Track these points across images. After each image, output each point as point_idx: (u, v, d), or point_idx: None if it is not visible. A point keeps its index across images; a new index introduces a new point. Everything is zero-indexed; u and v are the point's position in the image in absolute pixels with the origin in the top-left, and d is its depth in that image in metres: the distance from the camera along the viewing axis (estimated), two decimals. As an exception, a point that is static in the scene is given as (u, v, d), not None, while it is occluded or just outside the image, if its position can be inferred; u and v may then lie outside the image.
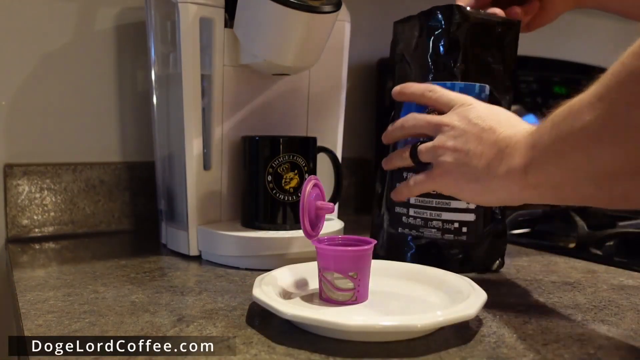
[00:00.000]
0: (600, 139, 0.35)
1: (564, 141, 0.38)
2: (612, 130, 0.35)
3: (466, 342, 0.39)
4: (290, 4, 0.54)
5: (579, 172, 0.38)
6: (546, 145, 0.39)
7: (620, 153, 0.35)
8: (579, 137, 0.37)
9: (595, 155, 0.36)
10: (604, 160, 0.36)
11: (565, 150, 0.38)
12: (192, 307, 0.46)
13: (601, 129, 0.35)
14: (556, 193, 0.41)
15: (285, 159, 0.61)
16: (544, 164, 0.40)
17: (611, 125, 0.35)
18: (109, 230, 0.78)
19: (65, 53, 0.76)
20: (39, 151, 0.75)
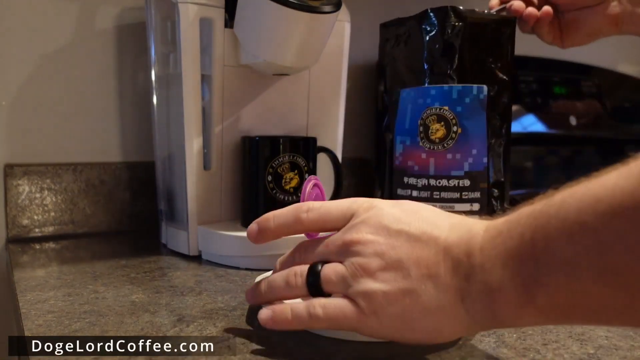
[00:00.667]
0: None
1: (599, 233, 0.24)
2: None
3: (466, 342, 0.39)
4: (290, 4, 0.54)
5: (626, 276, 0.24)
6: (569, 241, 0.25)
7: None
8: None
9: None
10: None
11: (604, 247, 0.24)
12: (192, 307, 0.46)
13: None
14: (586, 318, 0.28)
15: (285, 159, 0.61)
16: (569, 275, 0.26)
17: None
18: (109, 230, 0.78)
19: (65, 53, 0.76)
20: (39, 151, 0.75)
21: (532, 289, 0.27)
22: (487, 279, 0.29)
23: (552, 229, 0.26)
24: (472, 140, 0.57)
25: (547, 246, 0.26)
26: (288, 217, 0.38)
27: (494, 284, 0.28)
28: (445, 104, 0.57)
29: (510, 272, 0.28)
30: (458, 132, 0.57)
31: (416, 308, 0.31)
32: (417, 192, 0.59)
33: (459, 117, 0.57)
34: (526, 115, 1.04)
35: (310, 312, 0.34)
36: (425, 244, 0.32)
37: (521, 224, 0.28)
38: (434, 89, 0.58)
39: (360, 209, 0.35)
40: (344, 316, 0.34)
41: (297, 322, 0.35)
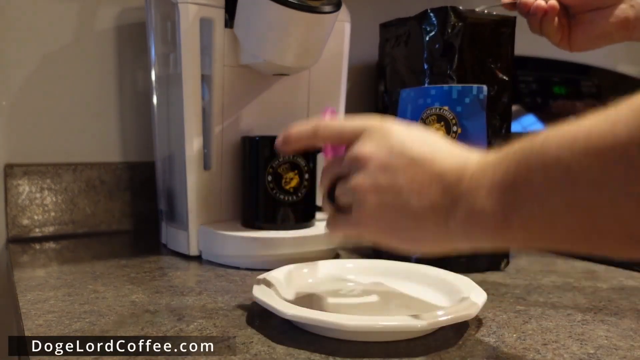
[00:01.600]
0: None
1: (580, 169, 0.26)
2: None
3: (466, 342, 0.39)
4: (290, 4, 0.54)
5: (602, 215, 0.26)
6: (546, 176, 0.28)
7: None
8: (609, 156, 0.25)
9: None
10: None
11: (581, 182, 0.26)
12: (192, 307, 0.46)
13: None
14: (555, 244, 0.30)
15: (285, 159, 0.61)
16: (546, 208, 0.28)
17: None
18: (109, 230, 0.78)
19: (65, 53, 0.76)
20: (39, 151, 0.75)
21: (509, 216, 0.30)
22: (471, 204, 0.32)
23: (533, 162, 0.29)
24: (472, 140, 0.57)
25: (526, 178, 0.29)
26: (307, 131, 0.42)
27: (476, 207, 0.31)
28: (445, 104, 0.57)
29: (492, 200, 0.31)
30: (458, 132, 0.57)
31: (404, 217, 0.35)
32: None
33: (458, 117, 0.57)
34: (526, 115, 1.04)
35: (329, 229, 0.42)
36: (422, 166, 0.35)
37: (508, 158, 0.31)
38: (433, 89, 0.58)
39: (371, 127, 0.38)
40: (348, 224, 0.39)
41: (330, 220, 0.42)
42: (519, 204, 0.29)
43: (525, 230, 0.30)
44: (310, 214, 0.65)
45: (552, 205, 0.28)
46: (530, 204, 0.29)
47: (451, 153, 0.35)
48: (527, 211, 0.29)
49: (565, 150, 0.27)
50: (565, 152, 0.27)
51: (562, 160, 0.27)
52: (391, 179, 0.35)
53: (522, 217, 0.29)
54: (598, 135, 0.26)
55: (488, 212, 0.31)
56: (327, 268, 0.53)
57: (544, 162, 0.28)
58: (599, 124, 0.26)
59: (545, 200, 0.28)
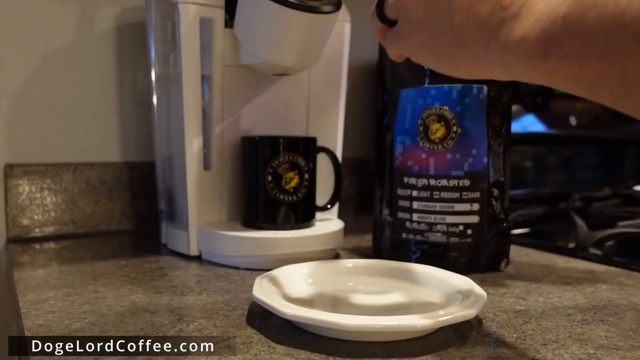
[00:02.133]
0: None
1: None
2: None
3: (466, 342, 0.39)
4: (290, 4, 0.54)
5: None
6: (596, 16, 0.27)
7: None
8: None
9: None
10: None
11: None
12: (192, 307, 0.46)
13: None
14: (582, 89, 0.29)
15: (285, 159, 0.61)
16: (584, 47, 0.27)
17: None
18: (109, 230, 0.78)
19: (65, 53, 0.76)
20: (39, 151, 0.75)
21: (549, 48, 0.29)
22: (517, 27, 0.31)
23: (590, 1, 0.27)
24: (472, 140, 0.57)
25: (578, 12, 0.28)
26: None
27: (520, 33, 0.30)
28: (445, 104, 0.57)
29: (538, 26, 0.29)
30: (458, 132, 0.57)
31: (445, 37, 0.34)
32: (417, 192, 0.59)
33: (458, 117, 0.57)
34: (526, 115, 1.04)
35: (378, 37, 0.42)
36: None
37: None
38: (434, 89, 0.58)
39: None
40: (392, 35, 0.39)
41: None
42: (562, 37, 0.28)
43: (560, 66, 0.29)
44: (310, 214, 0.65)
45: (592, 46, 0.27)
46: (573, 40, 0.28)
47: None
48: (568, 46, 0.28)
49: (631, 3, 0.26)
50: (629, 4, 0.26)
51: (619, 4, 0.26)
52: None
53: (561, 50, 0.28)
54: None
55: (529, 38, 0.30)
56: (327, 268, 0.53)
57: (598, 2, 0.27)
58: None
59: (588, 40, 0.27)
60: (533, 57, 0.30)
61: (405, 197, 0.60)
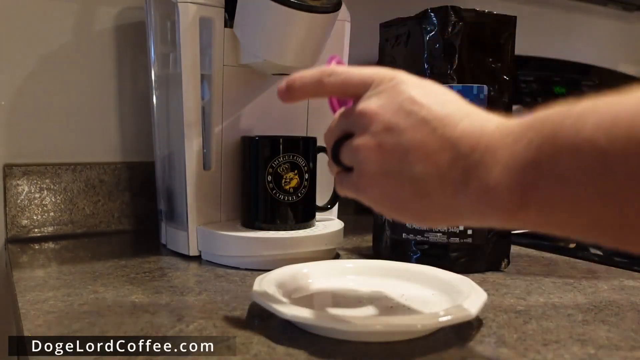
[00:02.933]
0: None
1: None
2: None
3: (466, 342, 0.39)
4: (290, 3, 0.54)
5: None
6: (575, 158, 0.25)
7: None
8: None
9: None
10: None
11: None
12: (192, 307, 0.46)
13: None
14: (574, 233, 0.28)
15: (285, 159, 0.61)
16: (568, 192, 0.26)
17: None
18: (109, 230, 0.78)
19: (65, 53, 0.76)
20: (39, 151, 0.75)
21: (527, 196, 0.27)
22: (485, 177, 0.29)
23: (563, 140, 0.25)
24: None
25: (552, 157, 0.26)
26: (312, 79, 0.38)
27: (491, 183, 0.28)
28: None
29: (509, 175, 0.28)
30: None
31: (407, 185, 0.32)
32: None
33: None
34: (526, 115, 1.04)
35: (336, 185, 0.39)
36: (433, 129, 0.31)
37: (534, 129, 0.27)
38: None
39: (381, 79, 0.35)
40: (349, 184, 0.36)
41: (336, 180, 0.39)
42: (539, 184, 0.26)
43: (543, 214, 0.27)
44: (310, 214, 0.65)
45: (580, 191, 0.25)
46: (553, 186, 0.26)
47: (467, 115, 0.31)
48: (549, 193, 0.26)
49: (603, 134, 0.24)
50: (601, 135, 0.24)
51: (597, 144, 0.24)
52: (396, 140, 0.32)
53: (542, 198, 0.26)
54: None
55: (503, 188, 0.28)
56: (327, 268, 0.53)
57: (575, 143, 0.25)
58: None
59: (572, 185, 0.25)
60: (510, 208, 0.28)
61: None
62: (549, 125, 0.27)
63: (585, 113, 0.25)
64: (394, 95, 0.33)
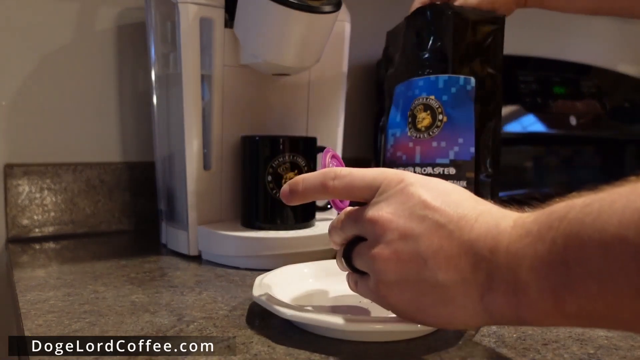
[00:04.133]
0: None
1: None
2: None
3: (466, 342, 0.39)
4: (290, 4, 0.54)
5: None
6: (606, 255, 0.24)
7: None
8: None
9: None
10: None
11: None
12: (192, 307, 0.46)
13: None
14: (621, 325, 0.27)
15: (285, 159, 0.61)
16: (604, 286, 0.25)
17: None
18: (109, 230, 0.78)
19: (65, 53, 0.76)
20: (39, 151, 0.75)
21: (561, 295, 0.26)
22: (512, 279, 0.28)
23: (588, 238, 0.25)
24: (458, 129, 0.57)
25: (581, 256, 0.25)
26: (315, 182, 0.38)
27: (519, 285, 0.28)
28: (432, 94, 0.57)
29: (537, 276, 0.27)
30: (444, 121, 0.57)
31: (430, 293, 0.31)
32: None
33: (444, 105, 0.57)
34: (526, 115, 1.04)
35: (350, 286, 0.39)
36: (449, 233, 0.31)
37: (553, 227, 0.27)
38: (422, 80, 0.58)
39: (388, 183, 0.34)
40: (368, 291, 0.36)
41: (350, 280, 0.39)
42: (572, 283, 0.26)
43: (581, 312, 0.26)
44: (310, 214, 0.65)
45: (617, 288, 0.24)
46: (589, 285, 0.25)
47: (480, 214, 0.31)
48: (584, 292, 0.25)
49: (631, 230, 0.23)
50: (630, 231, 0.23)
51: (627, 241, 0.23)
52: (413, 248, 0.31)
53: (578, 298, 0.26)
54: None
55: (533, 290, 0.27)
56: (327, 268, 0.53)
57: (602, 241, 0.24)
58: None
59: (609, 283, 0.24)
60: (545, 308, 0.27)
61: None
62: (569, 223, 0.26)
63: (604, 209, 0.25)
64: (404, 200, 0.33)
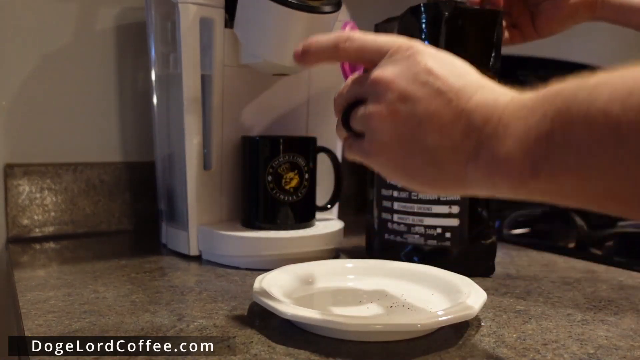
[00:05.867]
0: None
1: None
2: None
3: (466, 342, 0.39)
4: (290, 4, 0.54)
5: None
6: (589, 130, 0.25)
7: None
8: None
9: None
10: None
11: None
12: (192, 307, 0.46)
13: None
14: (585, 203, 0.28)
15: (285, 159, 0.61)
16: (581, 162, 0.26)
17: None
18: (109, 230, 0.78)
19: (65, 53, 0.76)
20: (39, 151, 0.75)
21: (538, 167, 0.27)
22: (497, 148, 0.29)
23: (576, 112, 0.26)
24: None
25: (565, 128, 0.26)
26: (328, 43, 0.38)
27: (502, 154, 0.29)
28: None
29: (521, 147, 0.28)
30: None
31: (419, 154, 0.33)
32: (397, 193, 0.58)
33: None
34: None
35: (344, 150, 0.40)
36: (448, 101, 0.32)
37: (547, 101, 0.28)
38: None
39: (398, 48, 0.35)
40: (360, 151, 0.37)
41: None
42: (552, 155, 0.27)
43: (554, 183, 0.27)
44: (310, 214, 0.65)
45: (592, 161, 0.25)
46: (566, 157, 0.26)
47: (481, 87, 0.32)
48: (560, 162, 0.27)
49: (617, 104, 0.24)
50: (616, 106, 0.24)
51: (611, 114, 0.24)
52: (410, 110, 0.32)
53: (553, 167, 0.27)
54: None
55: (515, 159, 0.28)
56: (327, 268, 0.53)
57: (589, 114, 0.25)
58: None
59: (585, 155, 0.25)
60: (521, 178, 0.28)
61: (388, 198, 0.60)
62: (563, 98, 0.27)
63: (600, 85, 0.25)
64: (410, 65, 0.33)
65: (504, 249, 0.69)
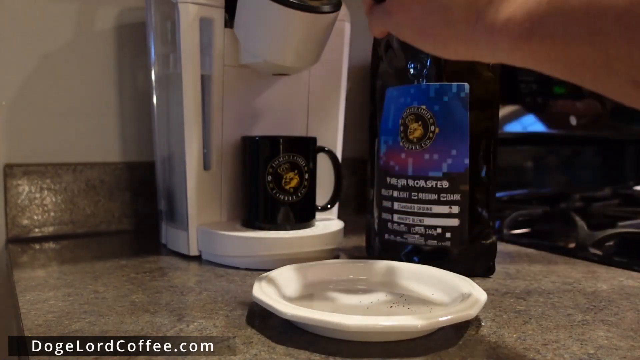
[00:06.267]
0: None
1: None
2: None
3: (466, 342, 0.39)
4: (290, 4, 0.54)
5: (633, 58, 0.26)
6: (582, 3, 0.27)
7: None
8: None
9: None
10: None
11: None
12: (192, 307, 0.46)
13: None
14: (566, 71, 0.30)
15: (285, 159, 0.61)
16: (568, 29, 0.28)
17: None
18: (109, 230, 0.78)
19: (65, 53, 0.76)
20: (39, 151, 0.75)
21: (534, 28, 0.30)
22: (502, 10, 0.32)
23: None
24: (452, 140, 0.55)
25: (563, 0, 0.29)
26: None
27: (506, 15, 0.31)
28: (423, 103, 0.56)
29: (524, 8, 0.30)
30: (436, 132, 0.55)
31: (434, 16, 0.35)
32: (397, 193, 0.58)
33: (436, 116, 0.55)
34: (526, 115, 1.04)
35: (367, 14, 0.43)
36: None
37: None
38: (413, 87, 0.57)
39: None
40: (380, 12, 0.40)
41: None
42: (546, 18, 0.29)
43: (543, 46, 0.30)
44: (310, 214, 0.65)
45: (575, 28, 0.28)
46: (556, 20, 0.29)
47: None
48: (551, 26, 0.29)
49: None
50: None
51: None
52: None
53: (545, 30, 0.29)
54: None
55: (515, 20, 0.31)
56: (327, 268, 0.53)
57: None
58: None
59: (571, 22, 0.28)
60: (518, 37, 0.31)
61: (388, 198, 0.59)
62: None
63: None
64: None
65: (504, 249, 0.69)
